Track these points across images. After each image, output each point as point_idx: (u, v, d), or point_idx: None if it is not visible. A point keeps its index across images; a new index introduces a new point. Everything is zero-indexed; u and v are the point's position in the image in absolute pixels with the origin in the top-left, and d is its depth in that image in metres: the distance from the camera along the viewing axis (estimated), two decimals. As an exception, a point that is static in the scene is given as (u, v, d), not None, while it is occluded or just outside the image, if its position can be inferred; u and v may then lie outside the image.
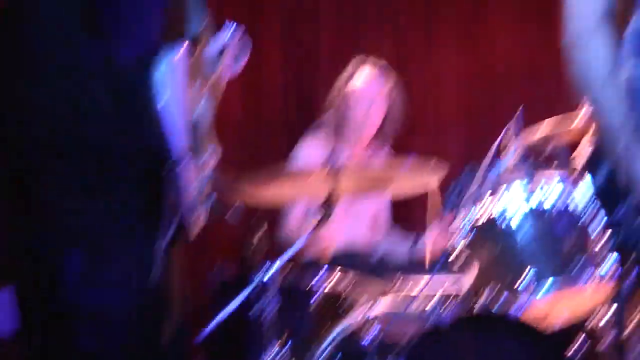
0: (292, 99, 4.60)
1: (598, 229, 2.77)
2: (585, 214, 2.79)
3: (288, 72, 4.58)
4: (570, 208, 2.80)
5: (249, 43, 2.85)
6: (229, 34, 2.79)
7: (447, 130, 4.66)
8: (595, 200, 2.11)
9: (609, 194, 2.03)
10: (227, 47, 2.77)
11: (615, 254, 2.77)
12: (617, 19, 2.17)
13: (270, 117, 4.54)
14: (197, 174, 2.03)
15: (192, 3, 2.13)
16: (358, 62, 3.95)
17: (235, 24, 2.82)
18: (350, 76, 3.90)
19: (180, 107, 1.99)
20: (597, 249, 2.80)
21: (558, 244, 2.77)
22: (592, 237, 2.79)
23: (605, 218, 2.07)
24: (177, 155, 1.95)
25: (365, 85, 3.86)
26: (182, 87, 2.00)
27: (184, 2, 2.10)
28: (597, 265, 2.77)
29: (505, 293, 2.73)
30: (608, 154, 2.00)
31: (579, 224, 2.79)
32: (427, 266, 3.78)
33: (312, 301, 2.92)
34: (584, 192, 2.79)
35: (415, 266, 3.82)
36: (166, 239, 1.98)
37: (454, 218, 2.97)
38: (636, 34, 2.09)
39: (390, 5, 4.70)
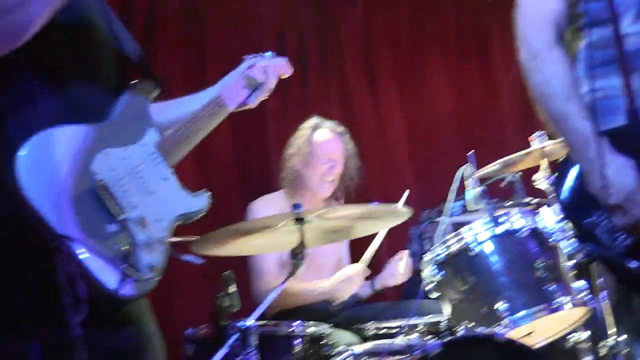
0: (241, 160, 4.58)
1: (569, 248, 2.80)
2: (553, 235, 2.82)
3: (236, 135, 4.56)
4: (537, 232, 2.83)
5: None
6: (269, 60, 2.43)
7: (398, 179, 4.68)
8: (564, 218, 2.10)
9: (579, 206, 2.04)
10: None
11: (584, 281, 2.81)
12: (566, 42, 2.23)
13: (221, 179, 4.50)
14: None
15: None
16: (315, 122, 3.92)
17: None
18: (309, 136, 3.87)
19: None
20: (568, 272, 2.82)
21: (529, 270, 2.78)
22: (562, 259, 2.82)
23: (576, 234, 2.06)
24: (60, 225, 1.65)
25: (326, 146, 3.84)
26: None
27: None
28: (569, 289, 2.79)
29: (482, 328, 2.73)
30: (578, 164, 2.02)
31: (548, 246, 2.82)
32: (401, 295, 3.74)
33: (294, 346, 2.84)
34: (548, 214, 2.82)
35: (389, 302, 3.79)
36: (76, 318, 1.73)
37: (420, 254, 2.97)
38: (587, 53, 2.15)
39: (334, 65, 4.76)
